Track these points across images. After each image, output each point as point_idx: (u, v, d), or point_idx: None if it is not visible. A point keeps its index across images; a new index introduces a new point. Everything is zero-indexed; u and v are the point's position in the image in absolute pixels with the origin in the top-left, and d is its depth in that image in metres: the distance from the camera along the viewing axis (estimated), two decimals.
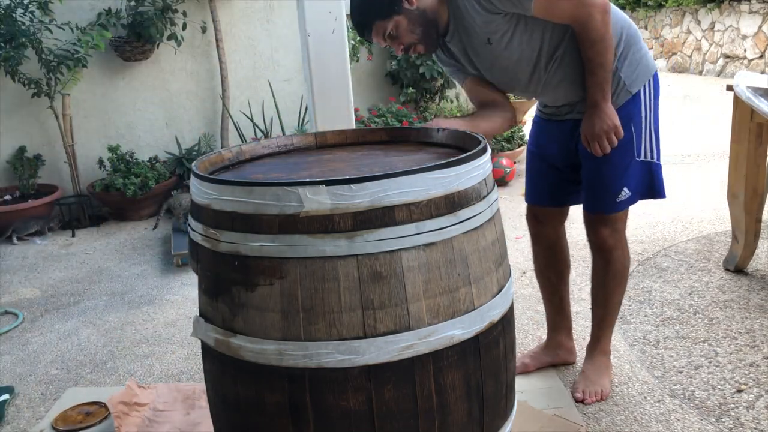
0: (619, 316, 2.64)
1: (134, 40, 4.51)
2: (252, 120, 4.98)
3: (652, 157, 1.96)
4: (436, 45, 1.89)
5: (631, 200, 1.96)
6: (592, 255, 2.09)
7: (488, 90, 1.97)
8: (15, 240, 4.27)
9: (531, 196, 2.20)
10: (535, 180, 2.17)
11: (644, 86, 1.91)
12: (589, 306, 2.75)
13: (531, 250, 2.29)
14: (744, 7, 8.56)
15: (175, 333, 2.82)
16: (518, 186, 4.70)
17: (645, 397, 2.09)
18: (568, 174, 2.06)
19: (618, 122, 1.81)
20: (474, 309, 1.30)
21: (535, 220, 2.22)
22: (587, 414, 2.02)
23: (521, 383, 1.89)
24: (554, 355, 2.31)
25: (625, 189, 1.94)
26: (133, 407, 2.13)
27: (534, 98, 2.03)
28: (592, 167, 1.94)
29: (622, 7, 11.21)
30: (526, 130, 5.54)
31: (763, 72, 7.48)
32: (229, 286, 1.29)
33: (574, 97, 1.91)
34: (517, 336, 2.01)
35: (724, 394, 2.06)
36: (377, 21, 1.76)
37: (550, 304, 2.31)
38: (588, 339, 2.48)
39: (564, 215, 2.20)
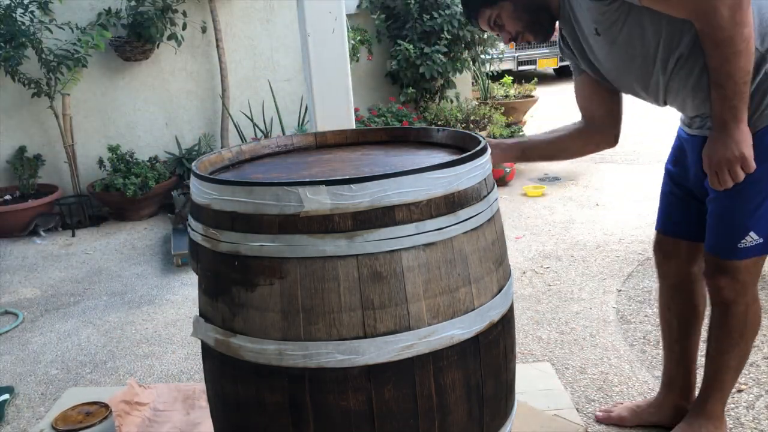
0: (619, 316, 2.64)
1: (134, 40, 4.51)
2: (252, 120, 4.98)
3: None
4: (546, 33, 1.66)
5: (762, 249, 1.56)
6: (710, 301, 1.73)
7: (596, 98, 1.75)
8: (42, 233, 4.33)
9: (660, 222, 1.85)
10: (666, 204, 1.82)
11: None
12: (589, 306, 2.76)
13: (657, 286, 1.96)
14: None
15: (175, 333, 2.82)
16: (518, 186, 4.70)
17: (645, 397, 2.08)
18: (705, 202, 1.67)
19: (748, 151, 1.43)
20: (474, 309, 1.30)
21: (660, 250, 1.86)
22: (587, 414, 2.02)
23: (521, 384, 1.89)
24: (663, 416, 1.92)
25: (752, 234, 1.55)
26: (134, 407, 2.13)
27: (664, 105, 1.70)
28: (715, 200, 1.59)
29: None
30: (527, 129, 5.54)
31: None
32: (229, 286, 1.29)
33: (704, 108, 1.57)
34: (517, 336, 2.01)
35: None
36: (483, 8, 1.62)
37: (669, 352, 1.92)
38: (587, 338, 2.49)
39: (699, 253, 1.77)
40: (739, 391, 2.07)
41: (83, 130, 4.73)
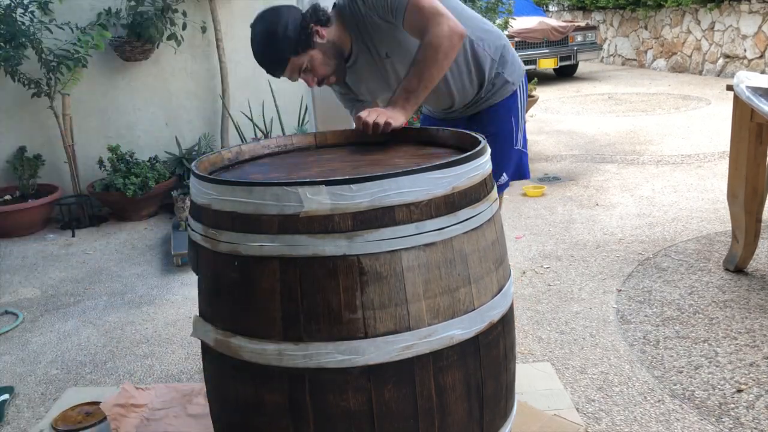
0: (619, 316, 2.65)
1: (134, 40, 4.51)
2: (252, 120, 4.98)
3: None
4: (345, 73, 1.91)
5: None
6: None
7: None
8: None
9: None
10: None
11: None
12: (589, 306, 2.76)
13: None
14: (744, 7, 8.56)
15: (175, 333, 2.82)
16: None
17: (645, 397, 2.09)
18: None
19: (393, 125, 1.69)
20: (474, 309, 1.30)
21: None
22: (587, 414, 2.02)
23: (521, 384, 1.89)
24: None
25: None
26: (130, 409, 2.12)
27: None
28: None
29: (622, 7, 11.23)
30: (527, 129, 5.53)
31: (763, 72, 7.49)
32: (228, 286, 1.29)
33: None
34: (517, 336, 2.01)
35: (724, 394, 2.06)
36: (292, 57, 1.77)
37: None
38: (587, 338, 2.49)
39: None
40: (739, 391, 2.07)
41: (83, 130, 4.72)
